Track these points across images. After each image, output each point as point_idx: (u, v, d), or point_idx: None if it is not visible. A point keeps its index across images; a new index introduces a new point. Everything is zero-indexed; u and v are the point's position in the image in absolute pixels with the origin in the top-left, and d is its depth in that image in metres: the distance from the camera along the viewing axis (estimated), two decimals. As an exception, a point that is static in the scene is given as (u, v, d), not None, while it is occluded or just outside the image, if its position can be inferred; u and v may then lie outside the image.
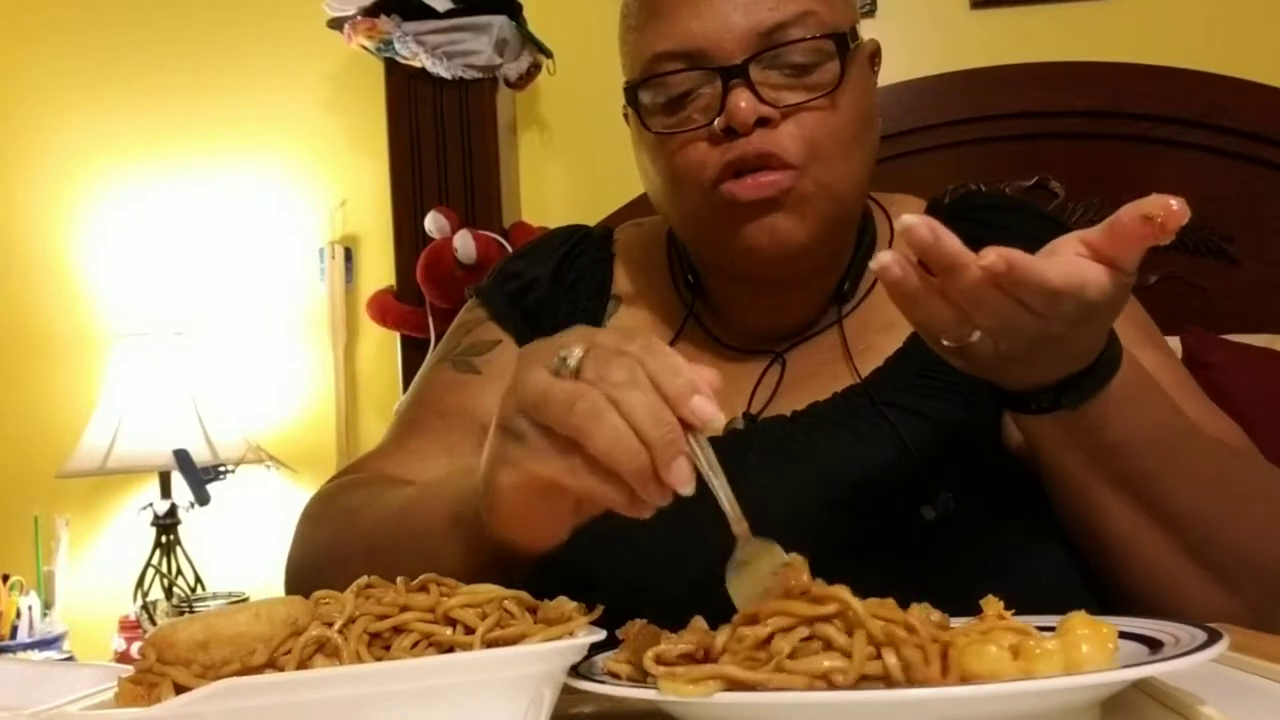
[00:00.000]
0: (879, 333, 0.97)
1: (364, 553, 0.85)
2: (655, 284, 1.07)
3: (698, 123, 0.89)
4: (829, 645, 0.53)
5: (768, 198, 0.88)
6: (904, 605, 0.58)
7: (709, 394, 0.60)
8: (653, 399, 0.60)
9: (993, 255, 0.64)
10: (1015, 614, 0.58)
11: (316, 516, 0.95)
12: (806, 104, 0.88)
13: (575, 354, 0.63)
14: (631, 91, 0.94)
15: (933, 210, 0.99)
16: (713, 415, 0.60)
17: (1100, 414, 0.76)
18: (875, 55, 0.99)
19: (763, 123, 0.87)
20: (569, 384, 0.62)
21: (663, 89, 0.91)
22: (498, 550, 0.71)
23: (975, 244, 0.85)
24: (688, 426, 0.61)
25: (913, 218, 0.64)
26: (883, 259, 0.66)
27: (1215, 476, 0.82)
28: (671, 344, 1.01)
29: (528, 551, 0.71)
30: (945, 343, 0.71)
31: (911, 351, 0.94)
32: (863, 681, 0.52)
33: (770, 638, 0.54)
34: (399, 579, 0.60)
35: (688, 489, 0.61)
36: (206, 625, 0.55)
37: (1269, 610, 0.83)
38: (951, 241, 0.64)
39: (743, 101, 0.86)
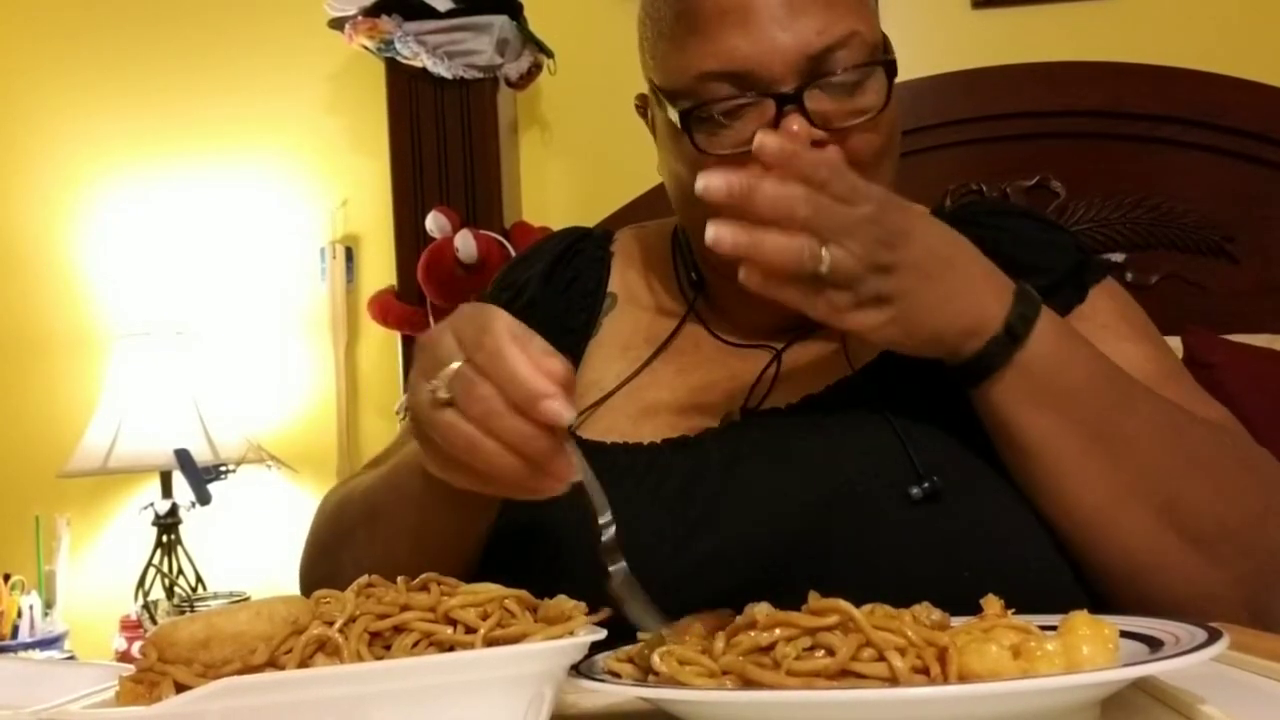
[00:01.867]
0: None
1: (366, 521, 0.89)
2: (656, 282, 1.07)
3: (743, 144, 0.87)
4: (831, 654, 0.53)
5: None
6: (894, 590, 0.58)
7: (555, 392, 0.64)
8: (513, 421, 0.65)
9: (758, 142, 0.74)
10: (1015, 613, 0.59)
11: (322, 509, 0.98)
12: (855, 128, 0.89)
13: (441, 387, 0.67)
14: (666, 99, 0.93)
15: (968, 231, 0.99)
16: (558, 415, 0.64)
17: (1053, 353, 0.81)
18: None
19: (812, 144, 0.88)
20: (444, 419, 0.67)
21: (708, 108, 0.90)
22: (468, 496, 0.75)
23: (979, 249, 0.86)
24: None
25: (704, 179, 0.75)
26: (710, 232, 0.75)
27: (1174, 431, 0.83)
28: (669, 340, 1.01)
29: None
30: (820, 272, 0.75)
31: None
32: (864, 681, 0.52)
33: (772, 646, 0.54)
34: (399, 578, 0.60)
35: (576, 477, 0.67)
36: (207, 624, 0.55)
37: (1263, 587, 0.83)
38: (736, 177, 0.73)
39: (795, 126, 0.86)
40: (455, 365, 0.67)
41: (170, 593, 2.27)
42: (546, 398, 0.64)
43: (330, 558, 0.93)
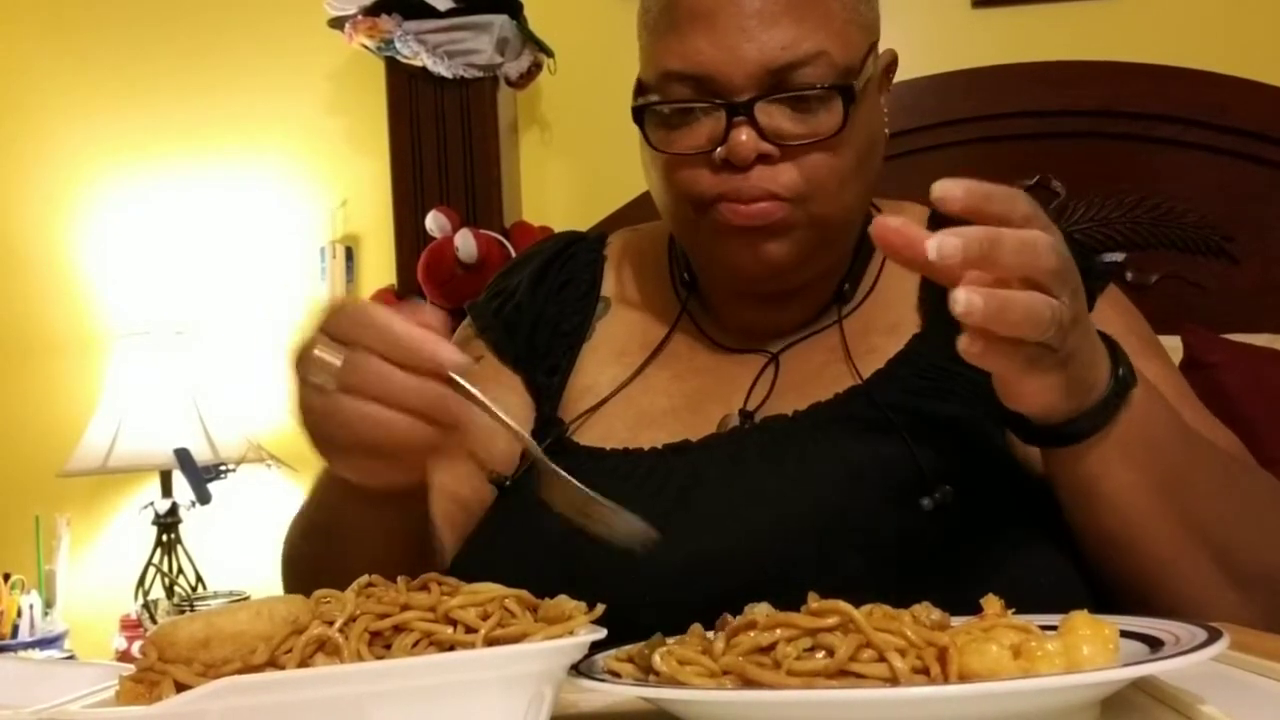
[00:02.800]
0: (882, 335, 0.97)
1: (310, 542, 0.91)
2: (650, 285, 1.07)
3: (700, 148, 0.90)
4: (832, 655, 0.53)
5: (757, 226, 0.89)
6: (903, 601, 0.58)
7: (435, 339, 0.64)
8: (404, 378, 0.64)
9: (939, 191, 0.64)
10: (1015, 612, 0.58)
11: (287, 535, 0.99)
12: (809, 147, 0.88)
13: (330, 381, 0.67)
14: (636, 93, 0.95)
15: (936, 218, 0.99)
16: (443, 356, 0.64)
17: (1142, 406, 0.75)
18: (891, 67, 0.99)
19: (763, 158, 0.88)
20: (340, 405, 0.66)
21: (661, 107, 0.91)
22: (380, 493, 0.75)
23: None
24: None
25: (942, 185, 0.63)
26: (960, 299, 0.62)
27: (1229, 479, 0.83)
28: (663, 342, 1.01)
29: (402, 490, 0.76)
30: (1048, 342, 0.66)
31: (913, 354, 0.95)
32: (865, 681, 0.52)
33: (773, 646, 0.54)
34: (400, 578, 0.60)
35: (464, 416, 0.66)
36: (207, 624, 0.55)
37: (1277, 610, 0.84)
38: (986, 187, 0.64)
39: (744, 136, 0.87)
40: (334, 359, 0.67)
41: (170, 592, 2.27)
42: (429, 345, 0.64)
43: (299, 581, 0.92)
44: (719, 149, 0.88)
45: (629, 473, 0.91)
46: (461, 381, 0.65)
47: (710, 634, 0.60)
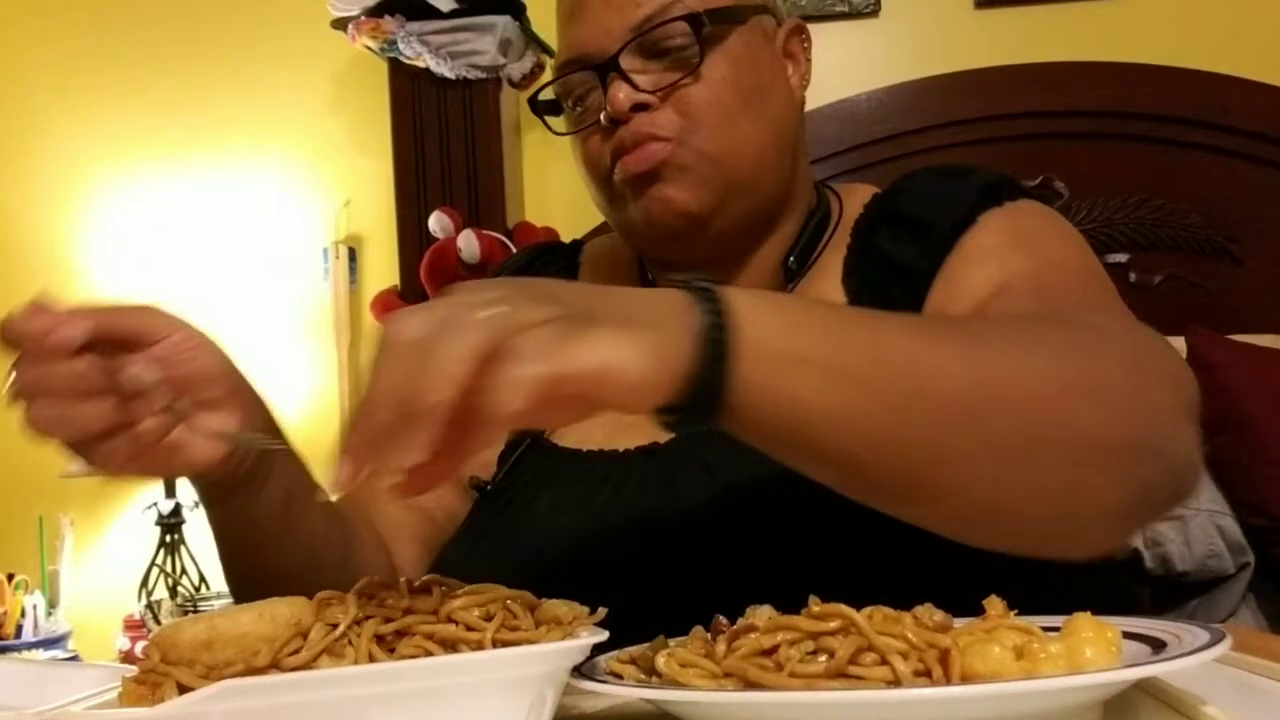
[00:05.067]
0: None
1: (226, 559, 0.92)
2: (620, 286, 1.07)
3: (590, 120, 0.95)
4: (833, 658, 0.53)
5: (647, 171, 0.92)
6: (886, 586, 0.58)
7: (62, 318, 0.66)
8: (61, 366, 0.67)
9: None
10: (1018, 614, 0.58)
11: None
12: (677, 84, 0.92)
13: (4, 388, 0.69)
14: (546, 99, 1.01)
15: (877, 199, 1.00)
16: (61, 327, 0.66)
17: (774, 311, 0.60)
18: (796, 32, 1.01)
19: (642, 108, 0.92)
20: (29, 416, 0.69)
21: (566, 95, 0.97)
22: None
23: (899, 217, 0.92)
24: None
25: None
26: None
27: (975, 345, 0.66)
28: None
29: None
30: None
31: None
32: (866, 682, 0.52)
33: (775, 648, 0.54)
34: (401, 579, 0.60)
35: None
36: (210, 625, 0.55)
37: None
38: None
39: (619, 93, 0.91)
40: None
41: (173, 593, 2.27)
42: (58, 325, 0.65)
43: (234, 585, 0.93)
44: (603, 113, 0.93)
45: (606, 475, 0.91)
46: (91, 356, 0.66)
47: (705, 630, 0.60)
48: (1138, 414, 0.67)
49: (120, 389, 0.67)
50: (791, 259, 0.98)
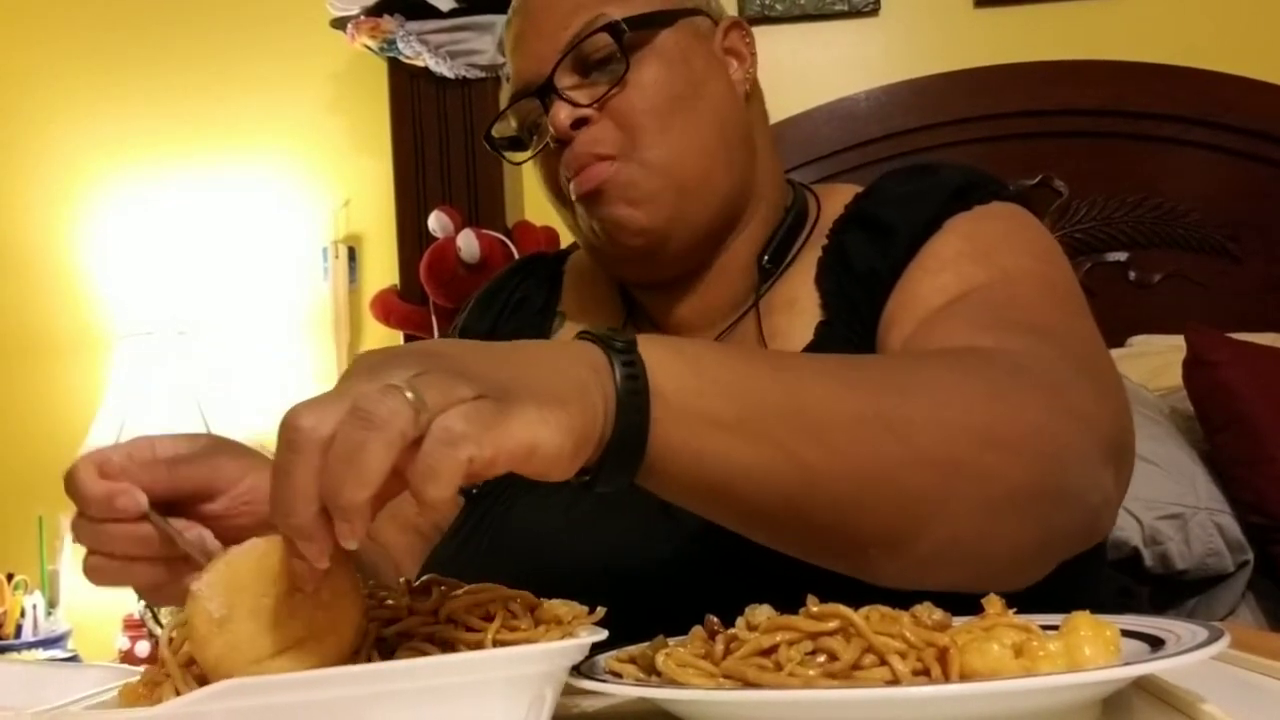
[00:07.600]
0: (783, 312, 0.96)
1: None
2: (599, 297, 1.08)
3: (539, 145, 0.97)
4: (833, 659, 0.53)
5: (595, 189, 0.93)
6: (883, 593, 0.58)
7: (126, 490, 0.62)
8: (107, 532, 0.62)
9: None
10: (1017, 612, 0.59)
11: None
12: (609, 96, 0.93)
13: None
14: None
15: (857, 201, 0.98)
16: (137, 505, 0.61)
17: (676, 362, 0.59)
18: (735, 29, 1.01)
19: (583, 123, 0.93)
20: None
21: (522, 127, 0.99)
22: None
23: (867, 219, 0.92)
24: None
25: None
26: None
27: (852, 378, 0.66)
28: None
29: None
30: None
31: (823, 346, 0.91)
32: (866, 681, 0.52)
33: (774, 648, 0.54)
34: (401, 579, 0.60)
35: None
36: (227, 565, 0.55)
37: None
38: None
39: (560, 112, 0.93)
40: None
41: (173, 592, 2.27)
42: (111, 498, 0.61)
43: None
44: (549, 137, 0.95)
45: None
46: (153, 516, 0.63)
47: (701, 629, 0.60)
48: (1050, 461, 0.68)
49: (176, 550, 0.64)
50: (766, 259, 0.98)
